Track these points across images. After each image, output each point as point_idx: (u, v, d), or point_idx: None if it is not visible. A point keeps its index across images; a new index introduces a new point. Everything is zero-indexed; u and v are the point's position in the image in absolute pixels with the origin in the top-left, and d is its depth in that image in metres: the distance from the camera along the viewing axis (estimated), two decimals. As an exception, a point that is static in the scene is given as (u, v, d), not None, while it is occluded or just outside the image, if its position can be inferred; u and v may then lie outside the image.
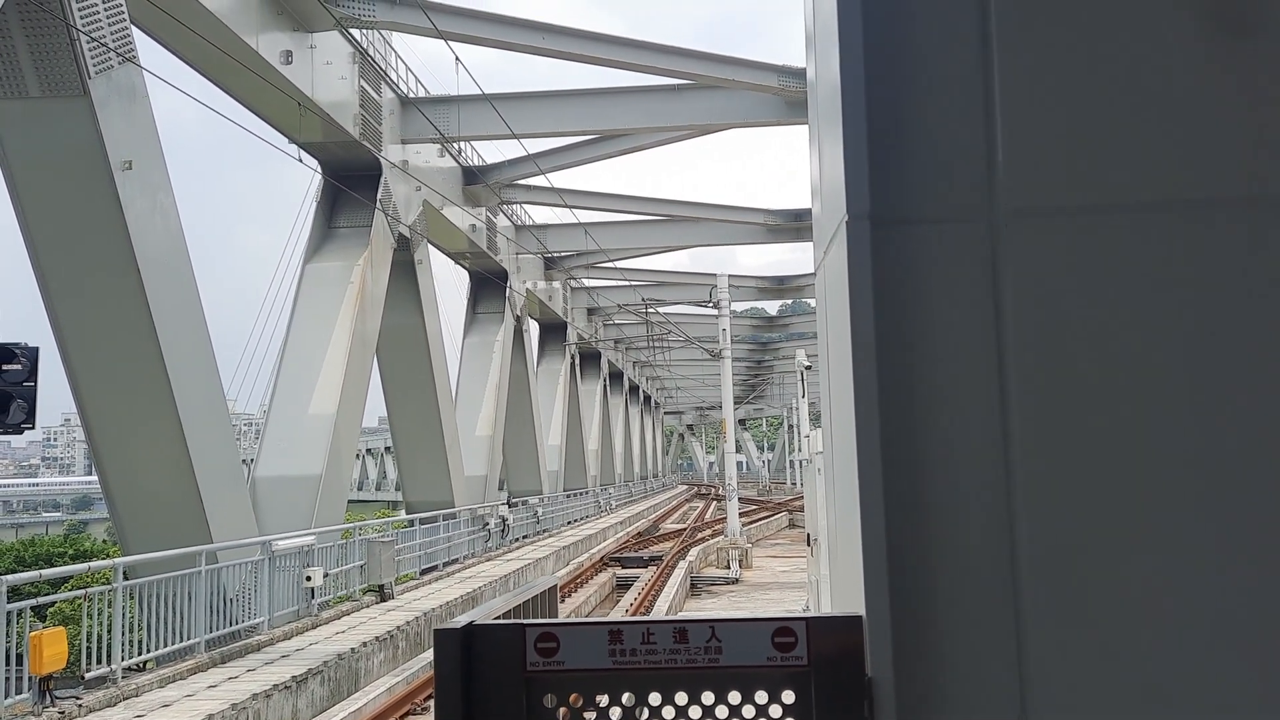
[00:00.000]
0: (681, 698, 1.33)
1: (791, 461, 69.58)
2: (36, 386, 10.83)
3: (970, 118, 1.34)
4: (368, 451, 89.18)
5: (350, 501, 26.79)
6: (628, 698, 1.34)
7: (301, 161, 21.21)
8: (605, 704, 1.34)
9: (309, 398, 20.97)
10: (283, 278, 22.85)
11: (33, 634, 9.97)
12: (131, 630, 11.93)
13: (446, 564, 23.65)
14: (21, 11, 13.55)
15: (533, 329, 43.24)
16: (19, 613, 10.20)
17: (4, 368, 10.66)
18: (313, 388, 21.06)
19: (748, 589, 25.29)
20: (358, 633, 15.27)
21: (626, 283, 42.65)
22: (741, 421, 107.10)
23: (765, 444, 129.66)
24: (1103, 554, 1.27)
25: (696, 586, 25.48)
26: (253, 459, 21.32)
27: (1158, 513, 1.27)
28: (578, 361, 50.56)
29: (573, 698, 1.35)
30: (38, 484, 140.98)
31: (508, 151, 29.92)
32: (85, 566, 15.10)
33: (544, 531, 34.56)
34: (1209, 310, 1.29)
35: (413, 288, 26.22)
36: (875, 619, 1.27)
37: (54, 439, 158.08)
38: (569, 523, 39.79)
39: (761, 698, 1.33)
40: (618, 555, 32.70)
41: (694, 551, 29.62)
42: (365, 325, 22.36)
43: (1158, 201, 1.32)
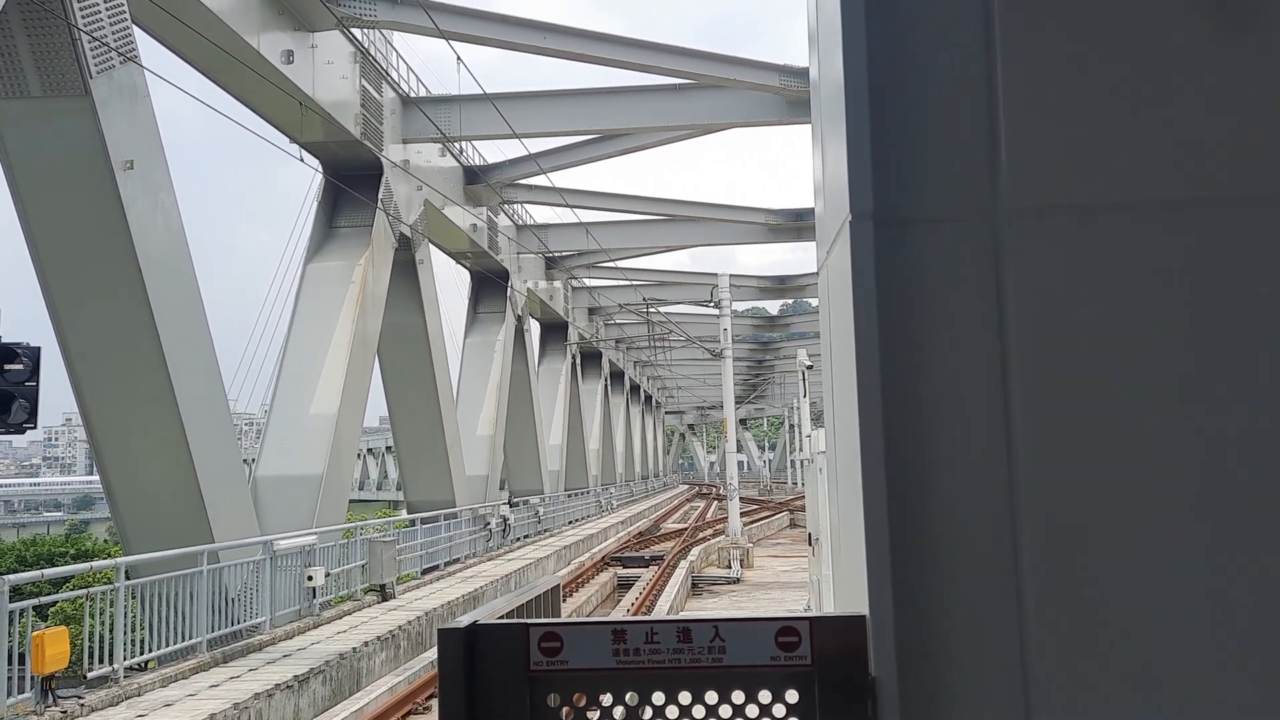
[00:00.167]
0: (685, 697, 1.33)
1: (792, 461, 69.58)
2: (38, 386, 10.84)
3: (973, 117, 1.34)
4: (369, 451, 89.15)
5: (351, 501, 26.79)
6: (631, 697, 1.34)
7: (303, 161, 21.23)
8: (609, 703, 1.34)
9: (310, 397, 20.98)
10: (284, 277, 22.85)
11: (35, 633, 9.96)
12: (133, 630, 11.94)
13: (448, 564, 23.65)
14: (23, 11, 13.55)
15: (534, 329, 43.24)
16: (21, 612, 10.19)
17: (6, 367, 10.66)
18: (314, 387, 21.06)
19: (749, 589, 25.29)
20: (359, 632, 15.27)
21: (627, 282, 42.64)
22: (742, 421, 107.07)
23: (766, 444, 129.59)
24: (1105, 555, 1.27)
25: (698, 586, 25.47)
26: (254, 459, 21.31)
27: (1161, 511, 1.27)
28: (579, 361, 50.56)
29: (576, 697, 1.35)
30: (39, 483, 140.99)
31: (509, 151, 29.95)
32: (87, 566, 15.11)
33: (545, 531, 34.55)
34: (1211, 309, 1.29)
35: (414, 287, 26.22)
36: (879, 619, 1.27)
37: (55, 438, 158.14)
38: (570, 522, 39.78)
39: (765, 697, 1.32)
40: (619, 555, 32.68)
41: (695, 551, 29.62)
42: (366, 325, 22.35)
43: (1160, 201, 1.31)
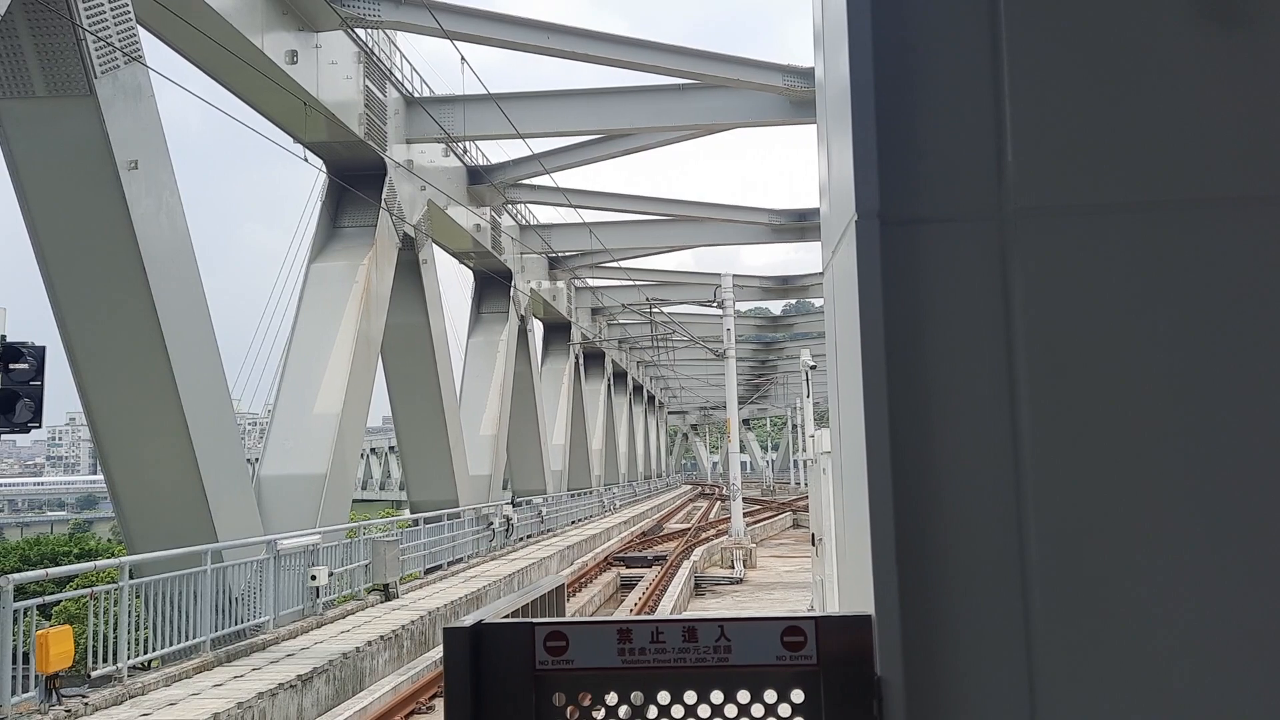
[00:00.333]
0: (690, 696, 1.33)
1: (795, 461, 69.57)
2: (43, 385, 10.86)
3: (979, 117, 1.34)
4: (372, 451, 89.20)
5: (355, 501, 26.82)
6: (636, 697, 1.34)
7: (307, 161, 21.26)
8: (614, 702, 1.34)
9: (314, 397, 20.99)
10: (287, 277, 22.89)
11: (39, 632, 9.98)
12: (137, 629, 11.94)
13: (451, 563, 23.66)
14: (28, 11, 13.57)
15: (537, 329, 43.26)
16: (25, 611, 10.20)
17: (11, 367, 10.68)
18: (318, 387, 21.07)
19: (752, 589, 25.28)
20: (363, 632, 15.27)
21: (631, 282, 42.63)
22: (745, 421, 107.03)
23: (769, 444, 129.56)
24: (1112, 553, 1.27)
25: (700, 586, 25.47)
26: (258, 458, 21.33)
27: (1167, 512, 1.27)
28: (582, 361, 50.58)
29: (581, 696, 1.34)
30: (43, 483, 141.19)
31: (512, 151, 29.95)
32: (91, 565, 15.11)
33: (548, 531, 34.55)
34: (1217, 309, 1.29)
35: (417, 287, 26.24)
36: (885, 618, 1.27)
37: (59, 438, 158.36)
38: (573, 522, 39.77)
39: (770, 697, 1.32)
40: (622, 555, 32.67)
41: (698, 551, 29.62)
42: (370, 324, 22.37)
43: (1165, 200, 1.31)
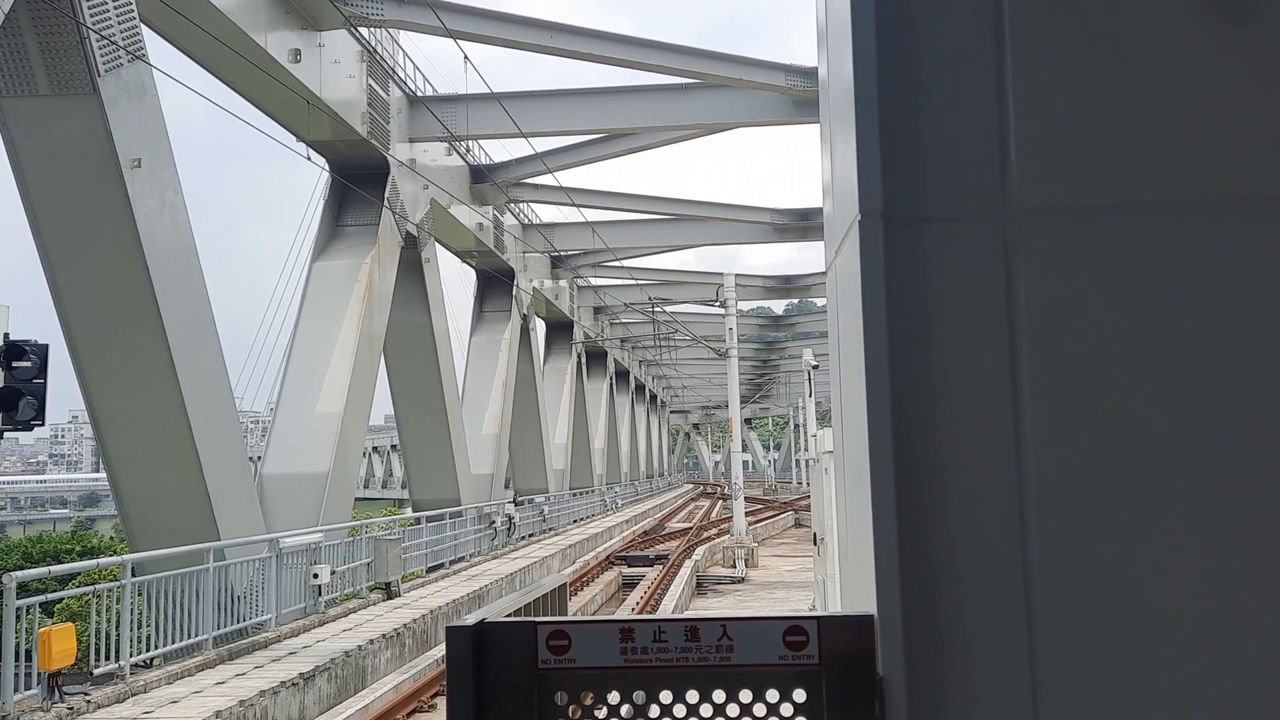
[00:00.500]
0: (693, 696, 1.33)
1: (797, 461, 69.55)
2: (46, 383, 10.87)
3: (983, 116, 1.34)
4: (374, 449, 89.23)
5: (357, 499, 26.82)
6: (639, 696, 1.34)
7: (309, 160, 21.27)
8: (616, 701, 1.34)
9: (316, 395, 21.01)
10: (290, 275, 22.90)
11: (42, 630, 9.98)
12: (139, 627, 11.96)
13: (453, 562, 23.67)
14: (32, 10, 13.59)
15: (539, 327, 43.28)
16: (27, 609, 10.21)
17: (14, 365, 10.70)
18: (320, 385, 21.09)
19: (754, 588, 25.28)
20: (364, 630, 15.28)
21: (633, 281, 42.64)
22: (747, 421, 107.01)
23: (771, 443, 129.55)
24: (1115, 553, 1.27)
25: (702, 585, 25.48)
26: (260, 457, 21.35)
27: (1170, 511, 1.27)
28: (584, 360, 50.59)
29: (584, 695, 1.35)
30: (45, 480, 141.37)
31: (515, 150, 29.96)
32: (93, 563, 15.10)
33: (550, 530, 34.57)
34: (1221, 308, 1.28)
35: (420, 286, 26.25)
36: (887, 618, 1.27)
37: (62, 436, 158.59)
38: (575, 521, 39.78)
39: (773, 696, 1.32)
40: (624, 554, 32.68)
41: (700, 550, 29.63)
42: (372, 323, 22.38)
43: (1170, 200, 1.31)
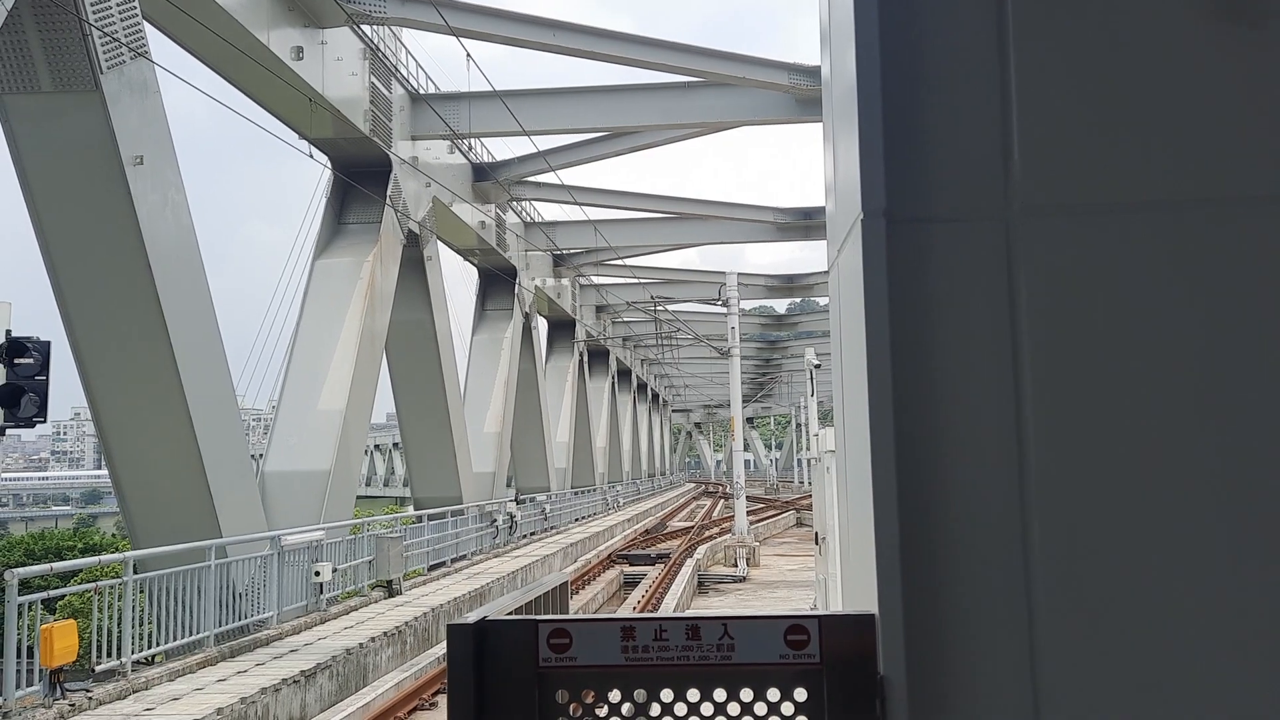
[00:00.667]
0: (694, 695, 1.33)
1: (799, 460, 69.54)
2: (48, 380, 10.88)
3: (986, 115, 1.34)
4: (376, 447, 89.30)
5: (359, 497, 26.83)
6: (640, 694, 1.34)
7: (312, 157, 21.28)
8: (617, 700, 1.34)
9: (318, 393, 21.02)
10: (292, 273, 22.92)
11: (43, 627, 9.99)
12: (141, 624, 11.96)
13: (454, 560, 23.68)
14: (35, 6, 13.60)
15: (541, 326, 43.28)
16: (29, 605, 10.22)
17: (16, 361, 10.70)
18: (322, 383, 21.10)
19: (755, 587, 25.28)
20: (366, 628, 15.29)
21: (635, 280, 42.64)
22: (749, 420, 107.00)
23: (773, 442, 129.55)
24: (1116, 553, 1.26)
25: (704, 584, 25.49)
26: (262, 454, 21.37)
27: (1171, 511, 1.27)
28: (586, 359, 50.60)
29: (585, 694, 1.34)
30: (47, 478, 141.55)
31: (517, 148, 29.97)
32: (95, 560, 15.11)
33: (552, 528, 34.57)
34: (1223, 308, 1.28)
35: (422, 284, 26.26)
36: (888, 618, 1.27)
37: (64, 433, 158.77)
38: (576, 520, 39.78)
39: (774, 695, 1.32)
40: (625, 553, 32.69)
41: (701, 549, 29.64)
42: (374, 321, 22.39)
43: (1172, 199, 1.31)
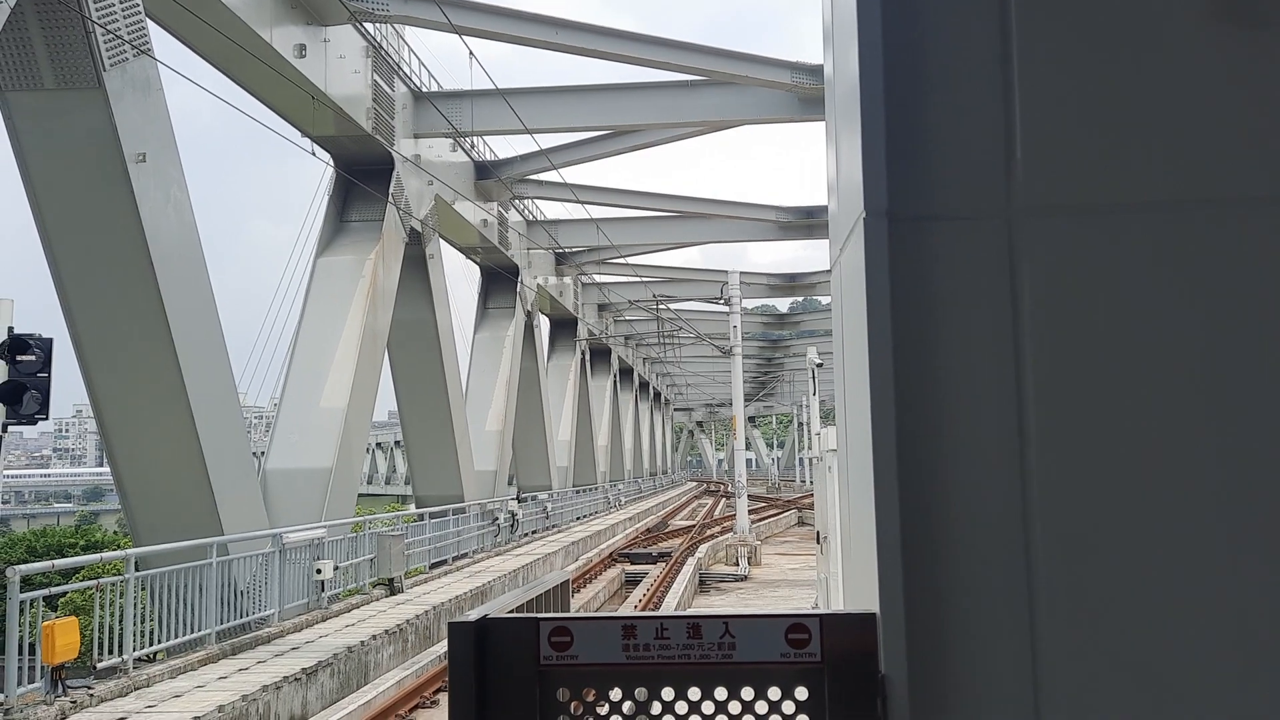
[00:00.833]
0: (695, 693, 1.33)
1: (801, 459, 69.56)
2: (50, 377, 10.90)
3: (989, 114, 1.34)
4: (378, 445, 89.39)
5: (360, 495, 26.85)
6: (641, 693, 1.34)
7: (314, 155, 21.30)
8: (618, 698, 1.34)
9: (320, 391, 21.04)
10: (294, 271, 22.94)
11: (45, 624, 10.00)
12: (142, 621, 11.97)
13: (456, 558, 23.69)
14: (38, 4, 13.61)
15: (543, 324, 43.30)
16: (31, 602, 10.23)
17: (18, 358, 10.72)
18: (324, 381, 21.12)
19: (756, 586, 25.28)
20: (367, 626, 15.29)
21: (637, 278, 42.63)
22: (751, 419, 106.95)
23: (775, 441, 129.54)
24: (1118, 553, 1.26)
25: (705, 583, 25.49)
26: (263, 452, 21.39)
27: (1174, 512, 1.26)
28: (588, 357, 50.61)
29: (586, 692, 1.35)
30: (49, 474, 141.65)
31: (520, 146, 29.99)
32: (97, 557, 15.13)
33: (553, 527, 34.58)
34: (1226, 308, 1.28)
35: (424, 282, 26.27)
36: (889, 617, 1.27)
37: (66, 430, 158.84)
38: (578, 518, 39.78)
39: (775, 694, 1.32)
40: (627, 551, 32.71)
41: (703, 548, 29.65)
42: (376, 319, 22.40)
43: (1175, 199, 1.31)
